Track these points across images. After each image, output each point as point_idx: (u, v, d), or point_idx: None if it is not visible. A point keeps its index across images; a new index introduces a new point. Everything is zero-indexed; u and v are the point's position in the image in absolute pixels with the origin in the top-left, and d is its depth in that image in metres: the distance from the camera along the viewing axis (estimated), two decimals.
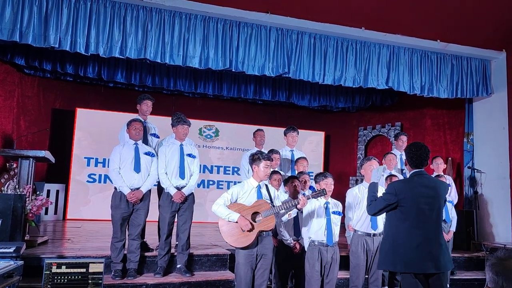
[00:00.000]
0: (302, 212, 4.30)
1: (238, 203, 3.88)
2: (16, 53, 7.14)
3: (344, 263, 4.77)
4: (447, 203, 5.27)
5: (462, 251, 6.46)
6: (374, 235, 4.37)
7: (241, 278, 3.81)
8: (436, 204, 3.23)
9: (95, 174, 8.61)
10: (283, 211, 3.95)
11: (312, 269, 4.10)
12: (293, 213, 4.11)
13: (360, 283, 4.34)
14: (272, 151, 5.26)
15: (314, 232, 4.17)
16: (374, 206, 3.36)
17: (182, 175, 4.78)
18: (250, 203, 3.86)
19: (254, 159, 3.95)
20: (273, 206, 3.88)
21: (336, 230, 4.21)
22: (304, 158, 5.41)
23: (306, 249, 4.25)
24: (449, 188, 5.32)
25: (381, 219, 4.44)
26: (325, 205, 4.22)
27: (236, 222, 3.75)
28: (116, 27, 5.54)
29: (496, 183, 7.21)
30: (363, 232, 4.38)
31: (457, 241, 6.14)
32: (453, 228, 5.55)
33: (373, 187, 3.52)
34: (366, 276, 4.46)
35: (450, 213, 5.55)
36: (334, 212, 4.23)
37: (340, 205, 4.36)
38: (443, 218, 4.42)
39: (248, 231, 3.75)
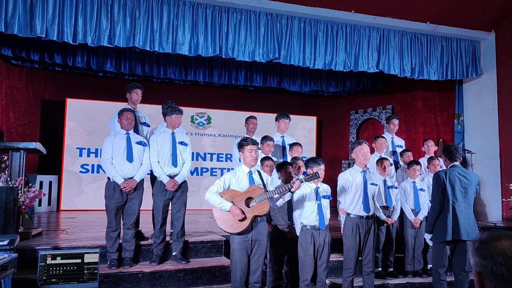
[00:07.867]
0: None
1: (232, 189, 3.88)
2: (2, 44, 7.04)
3: (337, 246, 4.82)
4: None
5: None
6: (366, 217, 4.40)
7: (237, 264, 3.84)
8: (468, 188, 4.21)
9: (87, 165, 8.58)
10: (277, 195, 3.97)
11: (305, 253, 4.15)
12: (287, 196, 4.12)
13: (353, 265, 4.39)
14: (266, 138, 5.26)
15: (306, 217, 4.21)
16: (434, 200, 4.27)
17: (174, 163, 4.78)
18: (243, 189, 3.88)
19: (240, 146, 3.99)
20: (267, 191, 3.90)
21: (327, 214, 4.26)
22: (299, 144, 5.41)
23: (298, 234, 4.29)
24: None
25: (372, 201, 4.49)
26: (316, 190, 4.25)
27: (229, 211, 3.77)
28: (104, 15, 5.46)
29: (487, 163, 7.30)
30: (356, 215, 4.40)
31: None
32: None
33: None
34: (360, 258, 4.51)
35: None
36: (324, 196, 4.26)
37: (329, 189, 4.39)
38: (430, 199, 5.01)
39: (241, 219, 3.77)
